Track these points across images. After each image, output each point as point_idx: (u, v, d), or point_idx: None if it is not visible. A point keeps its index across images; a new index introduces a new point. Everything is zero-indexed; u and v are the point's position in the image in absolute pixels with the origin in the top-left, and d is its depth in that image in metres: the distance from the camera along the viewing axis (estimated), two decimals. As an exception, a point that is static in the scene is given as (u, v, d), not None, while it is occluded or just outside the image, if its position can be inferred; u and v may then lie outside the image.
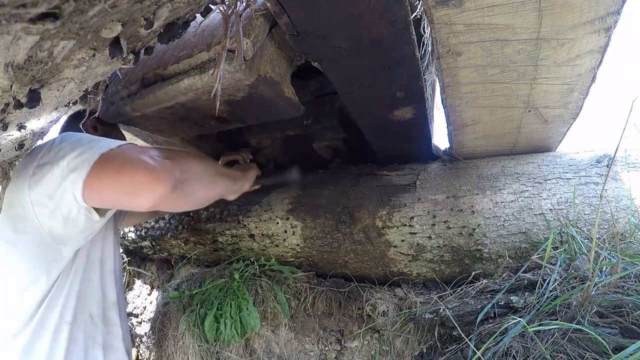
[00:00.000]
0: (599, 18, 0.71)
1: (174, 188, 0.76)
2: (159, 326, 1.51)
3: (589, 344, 0.76)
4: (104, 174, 0.74)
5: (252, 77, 0.90)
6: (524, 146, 1.20)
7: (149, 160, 0.74)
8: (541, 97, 0.95)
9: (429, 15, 0.74)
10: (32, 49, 0.46)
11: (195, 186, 0.83)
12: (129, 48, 0.60)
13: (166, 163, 0.76)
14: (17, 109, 0.61)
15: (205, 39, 0.93)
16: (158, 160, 0.76)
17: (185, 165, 0.80)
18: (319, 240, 1.29)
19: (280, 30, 0.94)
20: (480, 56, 0.84)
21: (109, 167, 0.74)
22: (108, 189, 0.74)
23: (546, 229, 1.05)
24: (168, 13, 0.57)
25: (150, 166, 0.73)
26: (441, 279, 1.17)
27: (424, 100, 1.05)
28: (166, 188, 0.74)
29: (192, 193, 0.82)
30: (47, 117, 0.87)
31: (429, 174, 1.26)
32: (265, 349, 1.26)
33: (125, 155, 0.76)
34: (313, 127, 1.38)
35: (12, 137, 0.90)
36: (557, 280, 0.90)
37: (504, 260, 1.07)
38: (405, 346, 1.09)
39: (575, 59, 0.82)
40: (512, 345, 0.81)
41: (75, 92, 0.72)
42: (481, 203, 1.12)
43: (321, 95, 1.39)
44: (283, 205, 1.37)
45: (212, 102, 1.01)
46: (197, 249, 1.56)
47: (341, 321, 1.20)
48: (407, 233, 1.17)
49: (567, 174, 1.10)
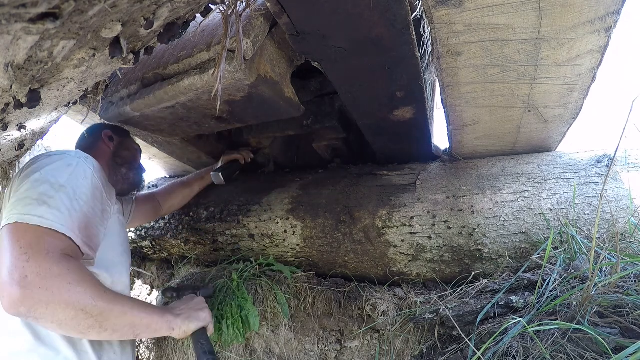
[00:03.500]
0: (599, 18, 0.71)
1: (14, 313, 0.68)
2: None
3: (589, 344, 0.76)
4: (3, 240, 0.71)
5: (252, 77, 0.90)
6: (524, 146, 1.20)
7: (15, 273, 0.66)
8: (541, 97, 0.95)
9: (429, 15, 0.74)
10: (32, 49, 0.46)
11: (55, 325, 0.71)
12: (129, 48, 0.60)
13: (17, 292, 0.65)
14: (17, 109, 0.61)
15: (205, 39, 0.93)
16: (17, 280, 0.66)
17: (41, 308, 0.67)
18: (319, 240, 1.29)
19: (280, 30, 0.94)
20: (480, 56, 0.84)
21: (9, 238, 0.70)
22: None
23: (546, 229, 1.05)
24: (168, 13, 0.57)
25: (5, 280, 0.66)
26: (441, 279, 1.17)
27: (424, 100, 1.05)
28: (4, 307, 0.67)
29: (52, 325, 0.71)
30: (47, 117, 0.87)
31: (429, 174, 1.26)
32: (265, 349, 1.26)
33: (19, 244, 0.69)
34: (313, 127, 1.38)
35: (12, 137, 0.90)
36: (557, 280, 0.90)
37: (504, 260, 1.07)
38: (405, 346, 1.09)
39: (575, 59, 0.82)
40: (512, 345, 0.81)
41: (75, 92, 0.72)
42: (481, 203, 1.12)
43: (321, 95, 1.39)
44: (283, 205, 1.37)
45: (212, 102, 1.01)
46: (197, 249, 1.56)
47: (341, 321, 1.20)
48: (407, 233, 1.17)
49: (567, 174, 1.10)
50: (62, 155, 0.87)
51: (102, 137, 1.19)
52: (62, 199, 0.77)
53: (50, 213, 0.74)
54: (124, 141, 1.24)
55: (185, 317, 0.91)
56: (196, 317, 0.93)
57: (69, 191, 0.80)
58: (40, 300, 0.67)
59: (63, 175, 0.81)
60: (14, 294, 0.65)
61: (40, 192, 0.76)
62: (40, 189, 0.76)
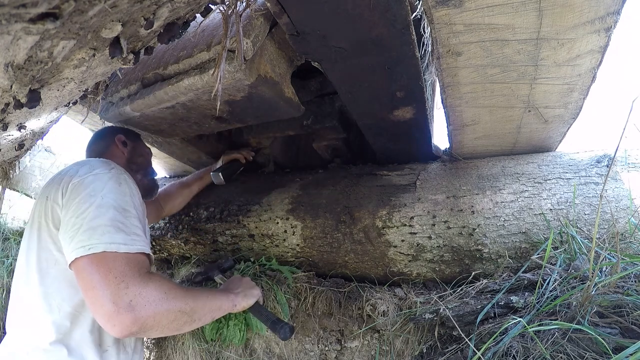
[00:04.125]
0: (599, 18, 0.71)
1: (127, 335, 0.75)
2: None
3: (589, 344, 0.76)
4: (90, 271, 0.76)
5: (252, 77, 0.90)
6: (524, 146, 1.20)
7: (120, 302, 0.73)
8: (541, 97, 0.95)
9: (429, 15, 0.74)
10: (32, 49, 0.46)
11: (159, 331, 0.80)
12: (129, 48, 0.60)
13: (128, 318, 0.73)
14: (17, 109, 0.61)
15: (205, 39, 0.93)
16: (124, 307, 0.73)
17: (150, 321, 0.76)
18: (319, 240, 1.29)
19: (280, 30, 0.94)
20: (480, 56, 0.84)
21: (97, 269, 0.75)
22: (82, 282, 0.77)
23: (546, 229, 1.05)
24: (168, 13, 0.57)
25: (112, 310, 0.73)
26: (441, 279, 1.17)
27: (424, 100, 1.05)
28: (117, 334, 0.74)
29: (156, 333, 0.81)
30: (47, 117, 0.87)
31: (429, 174, 1.26)
32: (265, 348, 1.26)
33: (112, 274, 0.75)
34: (313, 127, 1.38)
35: (12, 137, 0.90)
36: (557, 280, 0.90)
37: (504, 260, 1.07)
38: (405, 346, 1.09)
39: (575, 59, 0.82)
40: (512, 345, 0.81)
41: (75, 92, 0.72)
42: (481, 203, 1.12)
43: (321, 95, 1.39)
44: (283, 205, 1.37)
45: (212, 102, 1.01)
46: (197, 249, 1.56)
47: (341, 321, 1.20)
48: (407, 233, 1.17)
49: (567, 174, 1.10)
50: (105, 172, 0.90)
51: (116, 142, 1.17)
52: (133, 222, 0.85)
53: (130, 239, 0.81)
54: (137, 146, 1.23)
55: (243, 295, 1.03)
56: (251, 294, 1.05)
57: (133, 212, 0.87)
58: (147, 316, 0.75)
59: (120, 197, 0.87)
60: (126, 320, 0.73)
61: (110, 219, 0.81)
62: (109, 215, 0.81)
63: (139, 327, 0.74)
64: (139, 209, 0.91)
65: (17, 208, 2.24)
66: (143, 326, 0.75)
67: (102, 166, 0.92)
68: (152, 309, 0.76)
